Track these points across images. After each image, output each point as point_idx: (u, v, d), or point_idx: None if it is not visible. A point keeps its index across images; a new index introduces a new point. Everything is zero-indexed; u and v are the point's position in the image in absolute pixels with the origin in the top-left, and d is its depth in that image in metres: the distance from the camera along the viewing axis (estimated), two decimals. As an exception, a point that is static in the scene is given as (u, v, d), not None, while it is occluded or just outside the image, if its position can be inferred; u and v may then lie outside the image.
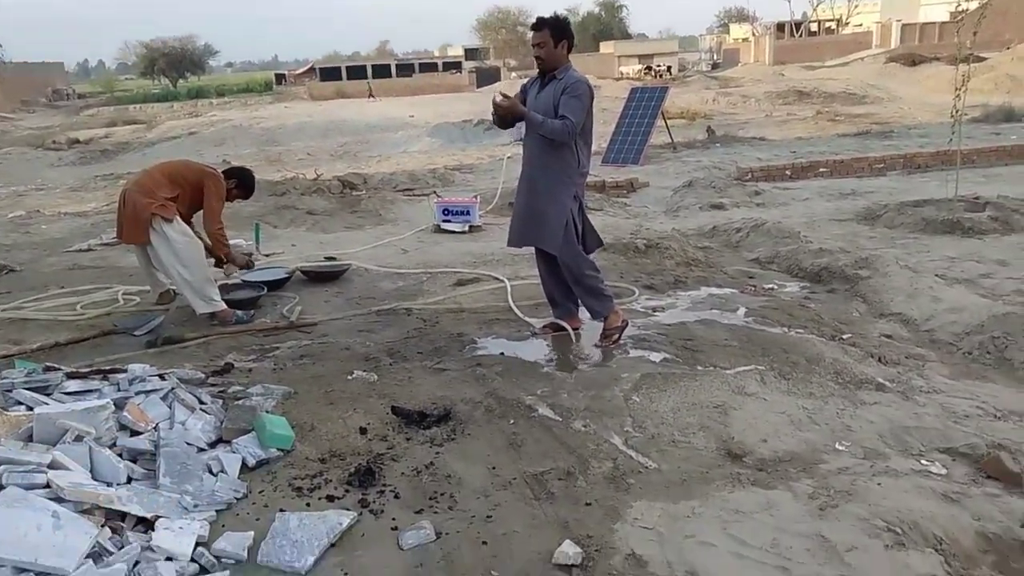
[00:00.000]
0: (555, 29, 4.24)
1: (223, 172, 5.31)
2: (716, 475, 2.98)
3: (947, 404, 3.59)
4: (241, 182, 5.41)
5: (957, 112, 7.55)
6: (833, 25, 57.25)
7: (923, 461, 3.09)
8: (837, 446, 3.21)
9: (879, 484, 2.85)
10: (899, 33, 44.09)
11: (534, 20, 4.36)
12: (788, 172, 10.91)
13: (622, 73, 42.59)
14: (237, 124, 23.77)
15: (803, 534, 2.57)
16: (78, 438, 2.83)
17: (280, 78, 64.36)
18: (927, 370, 4.09)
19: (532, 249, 4.65)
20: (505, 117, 4.29)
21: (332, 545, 2.56)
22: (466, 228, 7.90)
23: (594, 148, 5.42)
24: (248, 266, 5.56)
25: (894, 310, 5.10)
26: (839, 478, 2.92)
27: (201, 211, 5.19)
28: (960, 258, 6.23)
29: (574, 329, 4.66)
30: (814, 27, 54.38)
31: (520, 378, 3.95)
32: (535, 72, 4.49)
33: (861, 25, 55.87)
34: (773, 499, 2.79)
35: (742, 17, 68.29)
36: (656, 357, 4.23)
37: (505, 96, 4.27)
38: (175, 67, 61.81)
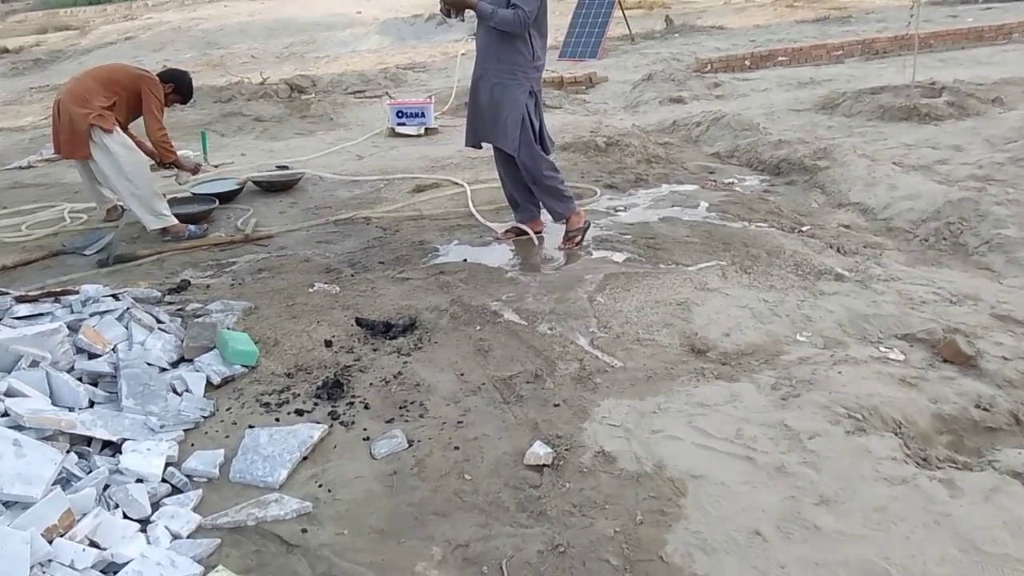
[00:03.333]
0: None
1: (157, 75, 5.02)
2: (681, 371, 3.02)
3: (904, 291, 3.66)
4: (178, 85, 5.11)
5: (915, -5, 7.44)
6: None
7: (882, 348, 3.17)
8: (798, 337, 3.27)
9: (839, 372, 2.92)
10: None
11: None
12: (747, 62, 10.74)
13: (576, -39, 41.04)
14: (176, 27, 22.52)
15: (766, 424, 2.64)
16: (33, 363, 2.75)
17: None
18: (884, 258, 4.16)
19: (491, 151, 4.54)
20: (453, 7, 4.11)
21: (304, 458, 2.57)
22: (422, 131, 7.69)
23: (550, 41, 5.24)
24: (196, 171, 5.36)
25: (852, 200, 5.13)
26: (800, 368, 2.99)
27: (140, 118, 4.93)
28: (916, 145, 6.26)
29: (536, 232, 4.62)
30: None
31: (484, 284, 3.93)
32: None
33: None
34: (736, 391, 2.85)
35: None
36: (619, 257, 4.23)
37: None
38: (103, -35, 57.93)
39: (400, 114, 7.75)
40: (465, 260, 4.34)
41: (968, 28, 11.54)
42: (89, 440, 2.54)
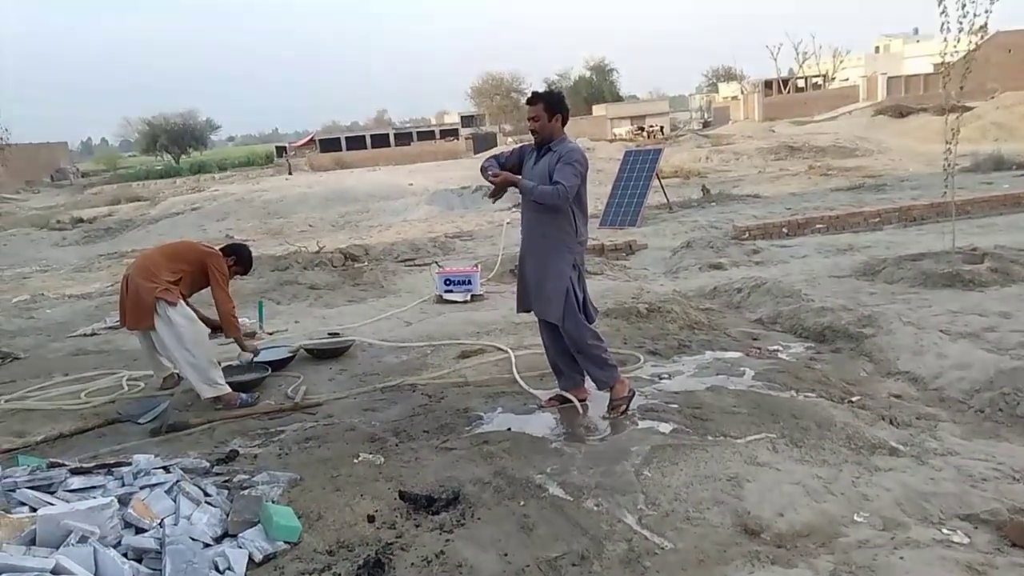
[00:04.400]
0: (549, 103, 4.33)
1: (220, 249, 5.36)
2: (734, 553, 2.91)
3: (963, 467, 3.54)
4: (239, 258, 5.46)
5: (949, 164, 7.64)
6: (820, 80, 58.45)
7: (944, 530, 3.03)
8: (855, 517, 3.15)
9: (901, 558, 2.79)
10: (885, 86, 45.09)
11: (529, 95, 4.47)
12: (784, 229, 10.99)
13: (615, 134, 43.30)
14: (239, 198, 24.03)
15: (827, 615, 2.50)
16: (82, 539, 2.77)
17: (281, 150, 65.42)
18: (940, 431, 4.05)
19: (536, 318, 4.65)
20: (500, 189, 4.38)
21: (343, 645, 2.49)
22: (468, 297, 7.92)
23: (591, 210, 5.48)
24: (255, 353, 5.54)
25: (901, 368, 5.06)
26: (860, 552, 2.86)
27: (201, 290, 5.21)
28: (962, 311, 6.22)
29: (580, 401, 4.62)
30: (801, 83, 55.52)
31: (528, 455, 3.90)
32: (531, 139, 4.58)
33: (848, 79, 57.08)
34: (793, 577, 2.72)
35: (729, 76, 69.70)
36: (665, 428, 4.19)
37: (493, 173, 4.37)
38: (177, 142, 62.82)
39: (448, 282, 8.03)
40: (509, 429, 4.33)
41: (1004, 194, 11.74)
42: (129, 621, 2.51)
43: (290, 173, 35.97)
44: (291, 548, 3.08)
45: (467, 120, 61.76)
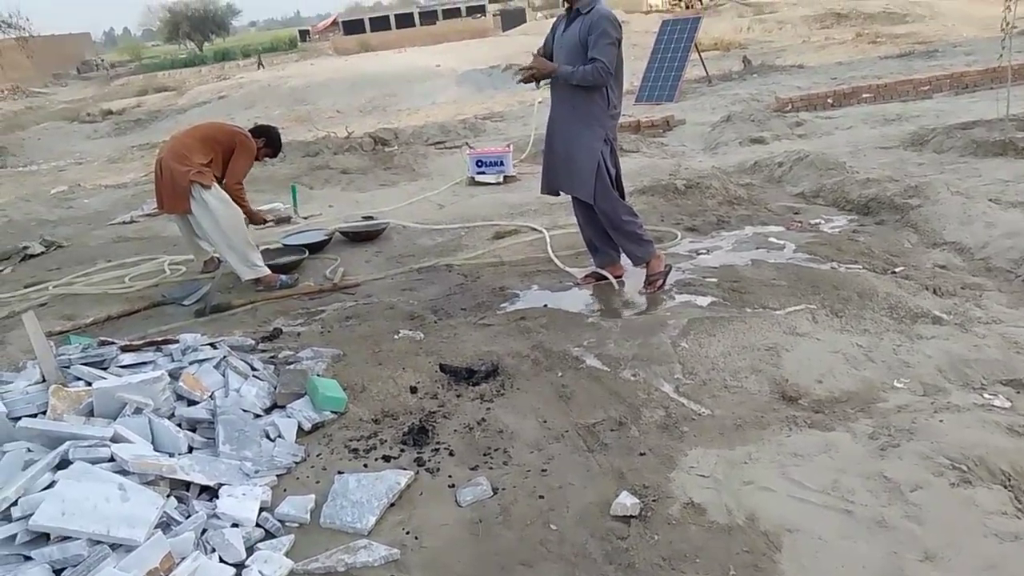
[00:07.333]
0: None
1: (249, 131, 5.30)
2: (772, 419, 2.94)
3: (1008, 334, 3.48)
4: (268, 140, 5.41)
5: (1007, 25, 7.18)
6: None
7: (985, 394, 3.01)
8: (895, 383, 3.14)
9: (941, 421, 2.79)
10: (941, -56, 41.93)
11: None
12: (830, 100, 10.56)
13: (651, 5, 41.34)
14: (265, 85, 23.72)
15: (865, 475, 2.53)
16: (137, 410, 2.89)
17: (304, 34, 63.87)
18: (985, 300, 3.97)
19: (569, 196, 4.58)
20: (537, 78, 4.22)
21: (392, 504, 2.60)
22: (500, 179, 7.82)
23: (626, 86, 5.28)
24: (264, 223, 5.62)
25: (947, 239, 4.93)
26: (899, 416, 2.87)
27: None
28: (1014, 180, 5.98)
29: (616, 277, 4.60)
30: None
31: (565, 329, 3.93)
32: (562, 10, 4.36)
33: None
34: (832, 440, 2.75)
35: (773, -62, 65.38)
36: (703, 301, 4.17)
37: (528, 64, 4.21)
38: (199, 29, 61.56)
39: (480, 163, 7.91)
40: (545, 305, 4.35)
41: (1066, 57, 11.04)
42: (188, 484, 2.63)
43: (260, 66, 34.63)
44: (338, 417, 3.18)
45: (495, -4, 59.32)
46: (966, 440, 2.64)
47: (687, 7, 36.10)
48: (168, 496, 2.51)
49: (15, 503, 2.33)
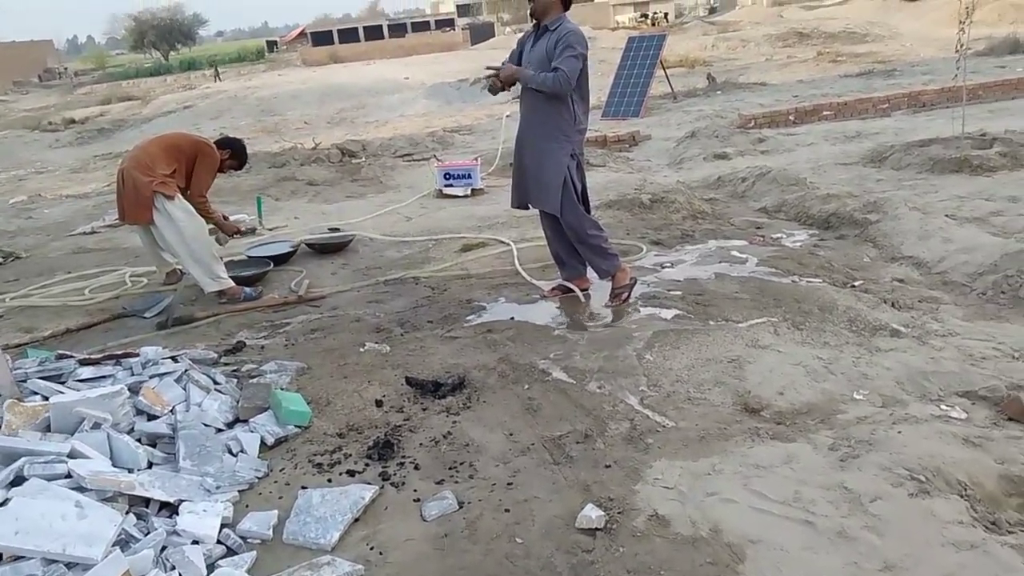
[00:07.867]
0: None
1: (215, 143, 5.25)
2: (735, 430, 2.97)
3: (964, 347, 3.57)
4: (234, 152, 5.35)
5: (961, 46, 7.39)
6: (831, -39, 55.86)
7: (943, 406, 3.07)
8: (855, 395, 3.20)
9: (899, 432, 2.84)
10: (899, -34, 43.06)
11: None
12: (791, 117, 10.76)
13: (618, 23, 41.85)
14: (232, 95, 23.52)
15: (825, 486, 2.56)
16: (95, 425, 2.83)
17: (272, 45, 63.55)
18: (942, 313, 4.06)
19: (537, 210, 4.60)
20: (503, 84, 4.27)
21: (356, 520, 2.57)
22: (468, 191, 7.83)
23: (593, 101, 5.33)
24: (236, 233, 5.54)
25: (905, 253, 5.04)
26: (859, 427, 2.92)
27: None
28: (970, 196, 6.15)
29: (582, 290, 4.63)
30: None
31: (532, 342, 3.94)
32: (529, 26, 4.41)
33: (860, -40, 54.53)
34: (793, 452, 2.78)
35: (737, -42, 66.64)
36: (667, 314, 4.21)
37: (495, 69, 4.26)
38: (165, 38, 60.92)
39: (447, 176, 7.91)
40: (512, 318, 4.36)
41: (1018, 78, 11.41)
42: (147, 501, 2.58)
43: (217, 78, 34.21)
44: (302, 432, 3.15)
45: (463, 9, 59.70)
46: (924, 451, 2.70)
47: (653, 24, 36.59)
48: (127, 513, 2.46)
49: (-34, 521, 2.27)
